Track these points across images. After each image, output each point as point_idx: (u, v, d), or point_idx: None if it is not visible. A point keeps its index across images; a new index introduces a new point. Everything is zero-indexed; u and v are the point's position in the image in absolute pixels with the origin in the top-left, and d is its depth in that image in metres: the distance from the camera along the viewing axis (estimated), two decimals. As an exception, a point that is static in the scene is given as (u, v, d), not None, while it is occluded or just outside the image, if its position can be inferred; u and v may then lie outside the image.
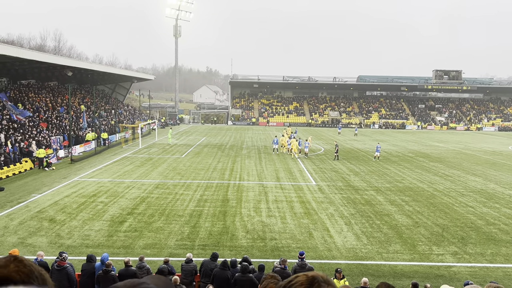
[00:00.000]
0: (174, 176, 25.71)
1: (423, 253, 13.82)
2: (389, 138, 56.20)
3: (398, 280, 11.71)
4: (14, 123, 32.28)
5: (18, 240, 14.27)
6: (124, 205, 18.74)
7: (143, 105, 74.58)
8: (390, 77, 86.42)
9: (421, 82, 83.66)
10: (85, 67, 46.46)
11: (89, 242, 14.10)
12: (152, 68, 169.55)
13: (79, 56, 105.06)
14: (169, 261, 10.67)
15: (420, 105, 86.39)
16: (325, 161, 32.95)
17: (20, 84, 44.28)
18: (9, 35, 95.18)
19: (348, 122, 77.39)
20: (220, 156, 34.65)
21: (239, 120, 78.70)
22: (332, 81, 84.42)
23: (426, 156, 37.60)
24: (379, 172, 28.27)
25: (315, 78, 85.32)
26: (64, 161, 31.34)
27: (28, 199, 19.69)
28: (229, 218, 17.10)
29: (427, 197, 21.48)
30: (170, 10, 78.29)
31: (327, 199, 20.63)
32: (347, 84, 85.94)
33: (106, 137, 41.52)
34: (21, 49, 36.29)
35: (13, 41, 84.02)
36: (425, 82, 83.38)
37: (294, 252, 13.37)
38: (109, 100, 62.53)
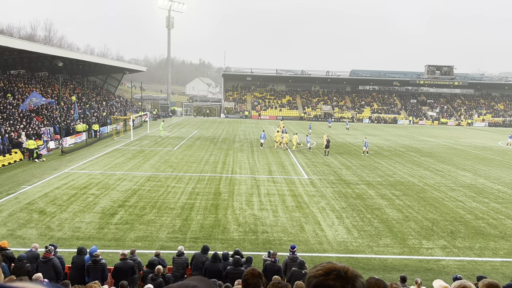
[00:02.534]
0: (166, 168, 25.62)
1: (413, 247, 13.96)
2: (381, 132, 56.51)
3: (388, 273, 11.83)
4: (3, 113, 31.84)
5: (7, 232, 14.13)
6: (115, 197, 18.65)
7: (135, 96, 74.00)
8: (383, 71, 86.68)
9: (414, 77, 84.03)
10: (76, 57, 45.88)
11: (80, 235, 14.02)
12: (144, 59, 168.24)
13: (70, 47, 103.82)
14: (160, 254, 10.65)
15: (412, 100, 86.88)
16: (317, 155, 33.05)
17: (10, 74, 43.64)
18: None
19: (341, 116, 77.62)
20: (212, 149, 34.57)
21: (232, 113, 78.50)
22: (325, 75, 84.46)
23: (417, 150, 37.90)
24: (370, 167, 28.44)
25: (308, 71, 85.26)
26: (54, 153, 31.04)
27: (17, 191, 19.49)
28: (221, 211, 17.10)
29: (418, 191, 21.68)
30: (162, 1, 77.50)
31: (318, 192, 20.72)
32: (340, 78, 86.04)
33: (97, 128, 41.18)
34: (11, 39, 35.69)
35: (2, 30, 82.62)
36: (417, 77, 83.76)
37: (285, 245, 13.43)
38: (100, 92, 61.93)
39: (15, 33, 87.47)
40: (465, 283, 3.64)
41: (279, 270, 9.82)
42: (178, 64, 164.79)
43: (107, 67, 59.83)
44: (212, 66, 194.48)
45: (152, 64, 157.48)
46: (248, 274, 3.90)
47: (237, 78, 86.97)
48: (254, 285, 3.87)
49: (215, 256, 9.95)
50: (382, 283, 2.42)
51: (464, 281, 3.75)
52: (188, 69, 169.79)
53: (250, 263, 9.92)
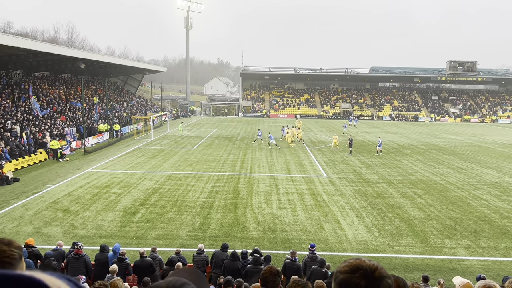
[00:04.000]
0: (185, 167, 25.88)
1: (435, 246, 13.72)
2: (402, 130, 55.63)
3: (410, 273, 11.67)
4: (29, 115, 32.75)
5: (33, 229, 14.56)
6: (137, 196, 18.96)
7: (155, 97, 74.95)
8: (403, 68, 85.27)
9: (435, 73, 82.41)
10: (97, 59, 46.80)
11: (103, 233, 14.31)
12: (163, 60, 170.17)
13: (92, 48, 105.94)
14: (181, 252, 10.78)
15: (434, 97, 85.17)
16: (337, 153, 32.79)
17: (34, 76, 44.86)
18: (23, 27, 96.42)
19: (360, 114, 76.75)
20: (231, 148, 34.73)
21: (250, 112, 78.63)
22: (344, 72, 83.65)
23: (439, 148, 37.15)
24: (391, 165, 28.05)
25: (326, 69, 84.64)
26: (77, 152, 31.75)
27: (42, 190, 20.04)
28: (240, 209, 17.18)
29: (440, 190, 21.27)
30: (181, 2, 78.21)
31: (338, 191, 20.57)
32: (359, 76, 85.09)
33: (118, 128, 41.91)
34: (35, 42, 36.68)
35: (27, 34, 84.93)
36: (439, 73, 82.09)
37: (304, 244, 13.39)
38: (121, 92, 63.00)
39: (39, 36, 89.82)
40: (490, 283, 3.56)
41: (299, 269, 9.81)
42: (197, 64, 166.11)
43: (127, 68, 60.80)
44: (230, 66, 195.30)
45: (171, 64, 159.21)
46: (266, 272, 3.92)
47: (255, 77, 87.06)
48: (272, 283, 3.89)
49: (234, 255, 10.01)
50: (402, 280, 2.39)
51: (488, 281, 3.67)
52: (206, 69, 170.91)
53: (269, 262, 9.95)
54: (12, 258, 1.34)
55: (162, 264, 10.40)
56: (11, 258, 1.33)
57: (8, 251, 1.34)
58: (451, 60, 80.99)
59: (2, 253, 1.33)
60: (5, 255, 1.33)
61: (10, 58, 36.24)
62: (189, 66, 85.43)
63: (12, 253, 1.35)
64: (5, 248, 1.35)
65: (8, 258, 1.33)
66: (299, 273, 9.44)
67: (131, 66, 60.02)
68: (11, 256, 1.34)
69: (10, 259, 1.33)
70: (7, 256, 1.33)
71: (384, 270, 1.34)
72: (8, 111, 31.39)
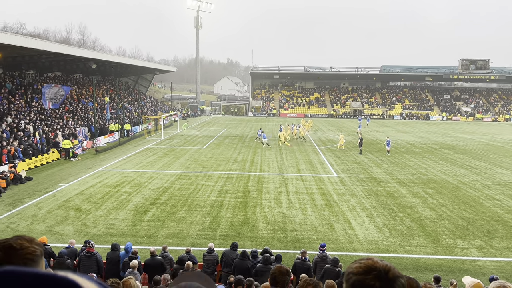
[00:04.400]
0: (195, 167, 25.99)
1: (447, 246, 13.57)
2: (413, 129, 55.12)
3: (421, 273, 11.56)
4: (42, 114, 33.18)
5: (46, 228, 14.76)
6: (147, 195, 19.10)
7: (165, 96, 75.38)
8: (414, 67, 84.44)
9: (447, 71, 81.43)
10: (108, 59, 47.23)
11: (114, 231, 14.45)
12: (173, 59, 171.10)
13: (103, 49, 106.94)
14: (191, 251, 10.83)
15: (445, 96, 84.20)
16: (347, 153, 32.63)
17: (47, 76, 45.44)
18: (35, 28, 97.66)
19: (371, 113, 76.22)
20: (240, 148, 34.77)
21: (259, 111, 78.62)
22: (355, 71, 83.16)
23: (451, 147, 36.74)
24: (402, 164, 27.82)
25: (337, 68, 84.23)
26: (89, 152, 32.10)
27: (55, 189, 20.30)
28: (250, 209, 17.20)
29: (452, 189, 21.03)
30: (191, 2, 78.49)
31: (348, 191, 20.47)
32: (370, 74, 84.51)
33: (129, 128, 42.25)
34: (47, 42, 37.15)
35: (40, 35, 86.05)
36: (450, 71, 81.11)
37: (314, 244, 13.36)
38: (132, 92, 63.49)
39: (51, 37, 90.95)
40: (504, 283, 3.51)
41: (309, 268, 9.79)
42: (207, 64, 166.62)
43: (138, 68, 61.25)
44: (239, 65, 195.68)
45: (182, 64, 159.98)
46: (276, 271, 3.92)
47: (264, 76, 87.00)
48: (282, 283, 3.89)
49: (244, 254, 10.02)
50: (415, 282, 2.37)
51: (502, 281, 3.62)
52: (216, 69, 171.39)
53: (279, 261, 9.94)
54: (34, 254, 1.36)
55: (173, 263, 10.47)
56: (33, 255, 1.35)
57: (31, 248, 1.36)
58: (463, 58, 79.97)
59: (25, 250, 1.34)
60: (27, 252, 1.34)
61: (23, 58, 36.77)
62: (199, 66, 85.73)
63: (34, 249, 1.36)
64: (28, 244, 1.36)
65: (31, 255, 1.34)
66: (309, 273, 9.42)
67: (142, 66, 60.45)
68: (33, 253, 1.36)
69: (32, 256, 1.35)
70: (29, 252, 1.35)
71: (397, 270, 1.32)
72: (22, 111, 31.84)
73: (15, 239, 1.37)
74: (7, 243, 1.34)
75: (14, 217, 16.02)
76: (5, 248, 1.31)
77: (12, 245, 1.33)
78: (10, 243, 1.34)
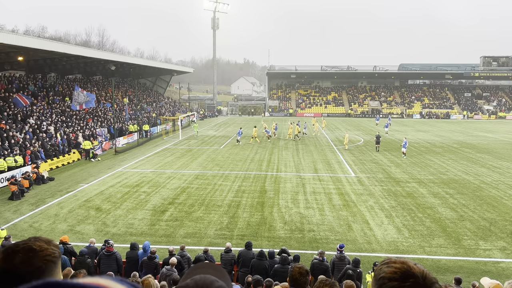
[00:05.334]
0: (213, 167, 26.13)
1: (468, 248, 13.29)
2: (433, 128, 54.14)
3: (442, 275, 11.35)
4: (63, 116, 33.91)
5: (67, 227, 15.08)
6: (166, 195, 19.30)
7: (183, 97, 75.95)
8: (434, 64, 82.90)
9: (468, 69, 79.64)
10: (127, 61, 47.90)
11: (133, 231, 14.66)
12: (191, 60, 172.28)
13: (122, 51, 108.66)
14: (209, 251, 10.90)
15: (466, 94, 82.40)
16: (365, 152, 32.28)
17: (67, 78, 46.41)
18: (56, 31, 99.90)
19: (389, 112, 75.19)
20: (257, 148, 34.79)
21: (276, 111, 78.50)
22: (372, 70, 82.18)
23: (473, 147, 35.93)
24: (421, 164, 27.36)
25: (354, 67, 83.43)
26: (108, 153, 32.64)
27: (76, 189, 20.72)
28: (267, 209, 17.19)
29: (474, 189, 20.57)
30: (208, 3, 78.95)
31: (366, 191, 20.25)
32: (388, 73, 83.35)
33: (147, 129, 42.78)
34: (68, 45, 37.95)
35: (61, 38, 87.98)
36: (471, 69, 79.31)
37: (332, 244, 13.27)
38: (150, 93, 64.27)
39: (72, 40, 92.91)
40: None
41: (327, 269, 9.72)
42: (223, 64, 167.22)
43: (156, 70, 61.96)
44: (256, 65, 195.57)
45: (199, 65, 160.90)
46: (295, 272, 3.90)
47: (281, 76, 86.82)
48: (303, 284, 3.87)
49: (261, 254, 10.03)
50: None
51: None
52: (233, 69, 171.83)
53: (297, 261, 9.90)
54: (53, 256, 1.37)
55: (191, 262, 10.55)
56: (52, 256, 1.36)
57: (50, 249, 1.37)
58: (485, 55, 78.09)
59: (44, 251, 1.35)
60: (47, 253, 1.35)
61: (45, 61, 37.64)
62: (215, 67, 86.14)
63: (53, 251, 1.38)
64: (46, 246, 1.37)
65: (50, 256, 1.35)
66: (327, 274, 9.36)
67: (160, 68, 61.12)
68: (52, 255, 1.36)
69: (51, 257, 1.36)
70: (48, 254, 1.35)
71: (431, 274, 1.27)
72: (44, 112, 32.61)
73: (33, 241, 1.38)
74: (27, 245, 1.35)
75: (36, 216, 16.42)
76: (25, 250, 1.32)
77: (32, 247, 1.34)
78: (29, 245, 1.35)
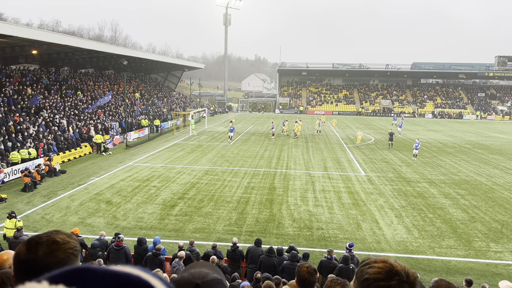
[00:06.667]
0: (222, 163, 26.20)
1: (479, 249, 13.15)
2: (445, 128, 53.54)
3: (452, 276, 11.25)
4: (75, 109, 34.27)
5: (78, 219, 15.27)
6: (175, 189, 19.42)
7: (194, 93, 76.16)
8: (448, 64, 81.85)
9: (482, 69, 78.46)
10: (139, 56, 48.14)
11: (143, 224, 14.79)
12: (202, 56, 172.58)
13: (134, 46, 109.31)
14: (217, 246, 10.94)
15: (480, 94, 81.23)
16: (375, 151, 32.07)
17: (80, 73, 46.85)
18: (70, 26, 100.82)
19: (401, 111, 74.50)
20: (267, 144, 34.78)
21: (286, 108, 78.31)
22: (385, 68, 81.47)
23: (485, 147, 35.46)
24: (432, 164, 27.09)
25: (366, 65, 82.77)
26: (119, 147, 32.91)
27: (87, 182, 20.95)
28: (276, 206, 17.20)
29: (485, 191, 20.32)
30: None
31: (376, 190, 20.13)
32: (401, 72, 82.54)
33: (158, 124, 43.02)
34: (81, 39, 38.28)
35: (74, 32, 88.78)
36: (486, 69, 78.11)
37: (341, 243, 13.23)
38: (161, 88, 64.57)
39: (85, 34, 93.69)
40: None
41: (335, 267, 9.70)
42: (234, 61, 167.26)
43: (167, 65, 62.20)
44: (267, 62, 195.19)
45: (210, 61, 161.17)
46: (303, 271, 3.89)
47: (292, 73, 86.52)
48: (311, 283, 3.86)
49: (270, 250, 10.04)
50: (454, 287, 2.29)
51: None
52: (244, 66, 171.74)
53: (306, 259, 9.88)
54: (75, 249, 1.37)
55: (199, 258, 10.60)
56: (74, 249, 1.36)
57: (72, 242, 1.37)
58: (500, 55, 76.81)
59: (67, 244, 1.35)
60: (69, 247, 1.35)
61: (58, 55, 38.01)
62: (227, 63, 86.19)
63: (75, 244, 1.37)
64: (68, 239, 1.37)
65: (72, 250, 1.35)
66: (335, 272, 9.33)
67: (171, 63, 61.32)
68: (74, 248, 1.36)
69: (73, 250, 1.36)
70: (71, 247, 1.35)
71: (411, 269, 1.26)
72: (56, 106, 32.98)
73: (55, 234, 1.39)
74: (50, 237, 1.35)
75: (48, 208, 16.66)
76: (49, 242, 1.33)
77: (55, 239, 1.35)
78: (53, 237, 1.35)
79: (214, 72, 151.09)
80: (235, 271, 10.11)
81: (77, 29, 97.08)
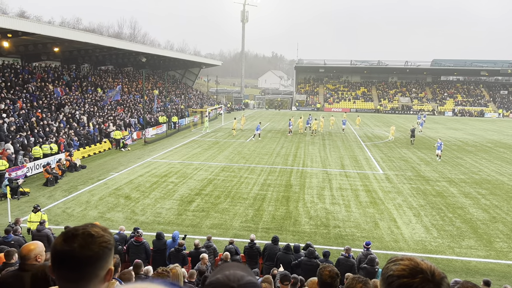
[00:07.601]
0: (239, 160, 26.29)
1: (500, 250, 12.88)
2: (465, 126, 52.46)
3: (472, 277, 11.06)
4: (95, 106, 34.86)
5: (98, 214, 15.57)
6: (193, 186, 19.60)
7: (211, 90, 76.45)
8: (469, 60, 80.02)
9: (505, 66, 76.45)
10: (157, 53, 48.65)
11: (161, 220, 14.98)
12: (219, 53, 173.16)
13: (152, 43, 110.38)
14: (234, 242, 11.01)
15: (502, 91, 79.22)
16: (394, 149, 31.67)
17: (100, 69, 47.61)
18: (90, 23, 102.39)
19: (420, 109, 73.29)
20: (283, 142, 34.72)
21: (303, 105, 77.93)
22: (404, 65, 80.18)
23: (508, 146, 34.61)
24: (452, 163, 26.60)
25: (385, 62, 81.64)
26: (138, 143, 33.36)
27: (106, 177, 21.32)
28: (292, 203, 17.18)
29: (507, 190, 19.86)
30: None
31: (394, 188, 19.89)
32: (420, 69, 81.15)
33: (176, 120, 43.41)
34: (102, 37, 38.87)
35: (94, 30, 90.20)
36: (509, 66, 76.11)
37: (358, 241, 13.15)
38: (179, 85, 65.09)
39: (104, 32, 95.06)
40: None
41: (353, 265, 9.65)
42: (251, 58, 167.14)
43: (185, 62, 62.65)
44: (284, 59, 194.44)
45: (227, 58, 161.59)
46: (325, 275, 3.82)
47: (309, 70, 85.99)
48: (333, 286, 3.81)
49: (287, 247, 10.05)
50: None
51: None
52: (260, 62, 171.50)
53: (327, 258, 9.79)
54: (109, 243, 1.40)
55: (217, 253, 10.69)
56: (108, 243, 1.39)
57: (106, 236, 1.40)
58: (524, 51, 74.59)
59: (101, 238, 1.38)
60: (104, 240, 1.38)
61: (79, 52, 38.72)
62: (244, 60, 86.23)
63: (109, 238, 1.40)
64: (103, 233, 1.40)
65: (106, 243, 1.38)
66: (353, 270, 9.29)
67: (189, 60, 61.74)
68: (108, 241, 1.39)
69: (107, 244, 1.39)
70: (105, 241, 1.38)
71: (440, 270, 1.26)
72: (77, 102, 33.62)
73: (91, 227, 1.42)
74: (86, 230, 1.39)
75: (69, 202, 17.03)
76: (85, 235, 1.37)
77: (91, 232, 1.38)
78: (88, 230, 1.39)
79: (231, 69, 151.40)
80: (252, 267, 10.15)
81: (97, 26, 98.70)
